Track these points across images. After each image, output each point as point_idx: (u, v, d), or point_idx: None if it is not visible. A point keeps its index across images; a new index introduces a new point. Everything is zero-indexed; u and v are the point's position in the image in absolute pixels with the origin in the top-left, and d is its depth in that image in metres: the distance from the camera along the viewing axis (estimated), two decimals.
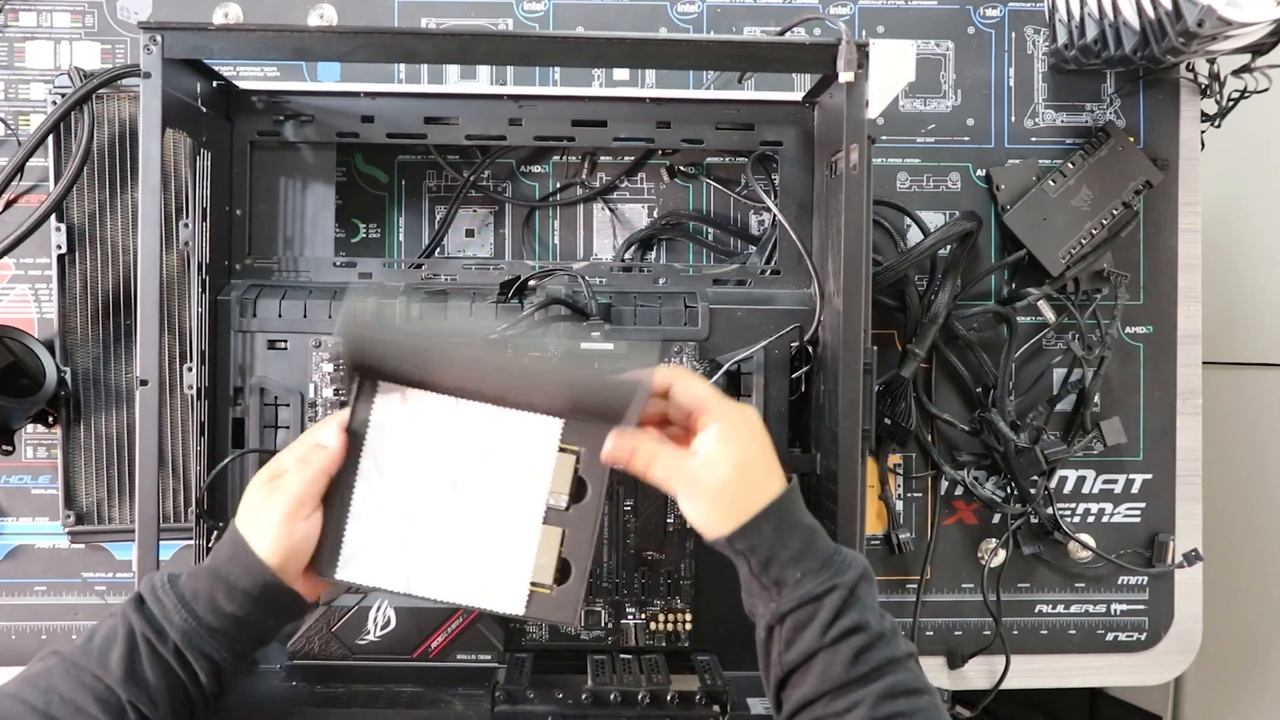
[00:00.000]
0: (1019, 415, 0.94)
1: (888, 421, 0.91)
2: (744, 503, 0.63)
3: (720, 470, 0.63)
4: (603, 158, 0.94)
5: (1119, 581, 0.96)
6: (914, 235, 0.94)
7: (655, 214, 0.95)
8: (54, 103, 0.87)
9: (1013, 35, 0.95)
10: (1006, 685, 0.95)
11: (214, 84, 0.83)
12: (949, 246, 0.91)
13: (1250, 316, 1.26)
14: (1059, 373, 0.95)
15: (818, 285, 0.83)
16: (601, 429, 0.67)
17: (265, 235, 0.88)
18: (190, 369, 0.79)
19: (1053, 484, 0.95)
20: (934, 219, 0.94)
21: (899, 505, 0.94)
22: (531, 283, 0.83)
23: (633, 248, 0.94)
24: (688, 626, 0.83)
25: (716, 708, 0.75)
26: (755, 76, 0.92)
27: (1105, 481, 0.96)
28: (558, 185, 0.94)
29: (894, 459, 0.95)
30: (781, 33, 0.86)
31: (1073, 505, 0.96)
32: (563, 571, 0.68)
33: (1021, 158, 0.95)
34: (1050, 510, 0.94)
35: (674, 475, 0.64)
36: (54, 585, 0.91)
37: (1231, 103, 0.94)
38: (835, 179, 0.79)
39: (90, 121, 0.85)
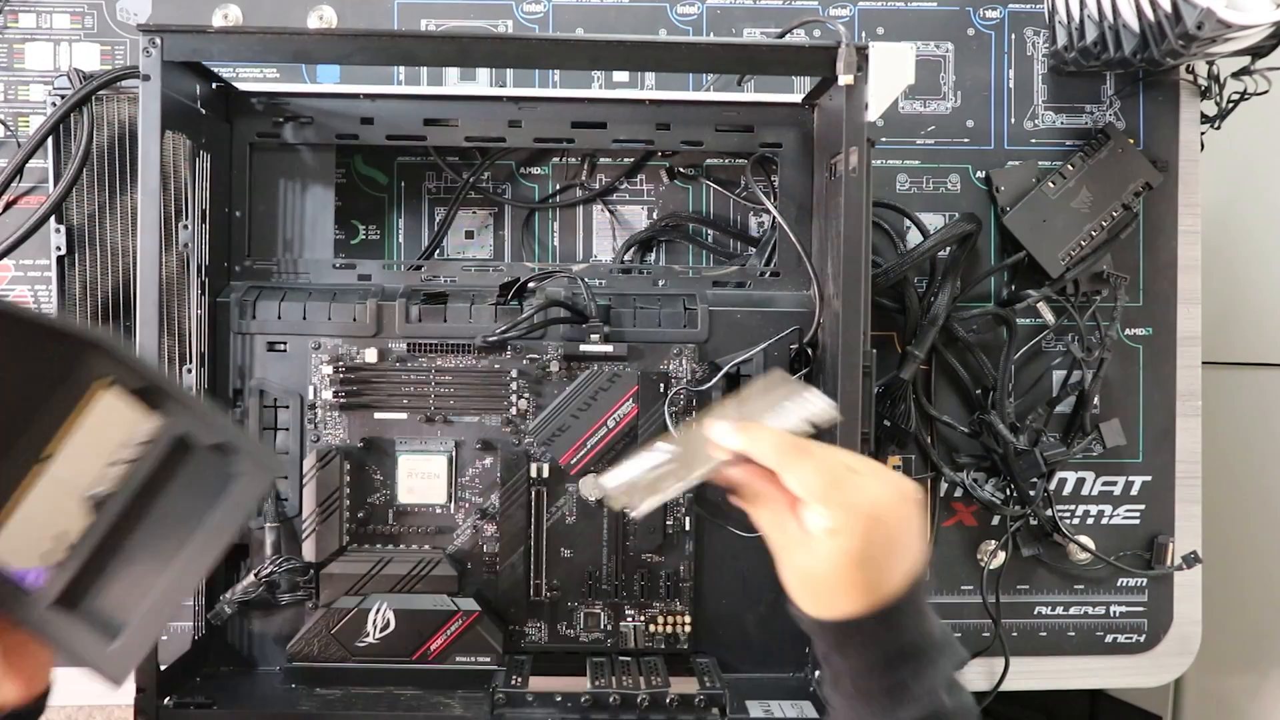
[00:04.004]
0: (1018, 417, 0.94)
1: (887, 423, 0.91)
2: (831, 603, 0.54)
3: (814, 565, 0.54)
4: (602, 159, 0.94)
5: (1118, 583, 0.96)
6: (913, 237, 0.94)
7: (655, 216, 0.94)
8: (53, 104, 0.87)
9: (1012, 37, 0.95)
10: (1006, 687, 0.95)
11: (213, 86, 0.83)
12: (948, 248, 0.91)
13: (1249, 317, 1.26)
14: (1058, 374, 0.95)
15: (817, 287, 0.83)
16: None
17: (264, 237, 0.88)
18: (190, 371, 0.79)
19: (1052, 486, 0.95)
20: (933, 221, 0.94)
21: None
22: (531, 284, 0.83)
23: (632, 249, 0.94)
24: (687, 629, 0.83)
25: (716, 710, 0.75)
26: (755, 78, 0.92)
27: (1105, 483, 0.96)
28: (557, 187, 0.94)
29: (893, 461, 0.95)
30: (781, 35, 0.86)
31: (1072, 507, 0.96)
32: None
33: (1021, 159, 0.94)
34: (1049, 512, 0.94)
35: (773, 532, 0.56)
36: None
37: (1231, 105, 0.94)
38: (835, 181, 0.79)
39: (90, 123, 0.85)
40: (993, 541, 0.94)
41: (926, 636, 0.54)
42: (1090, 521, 0.96)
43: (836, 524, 0.53)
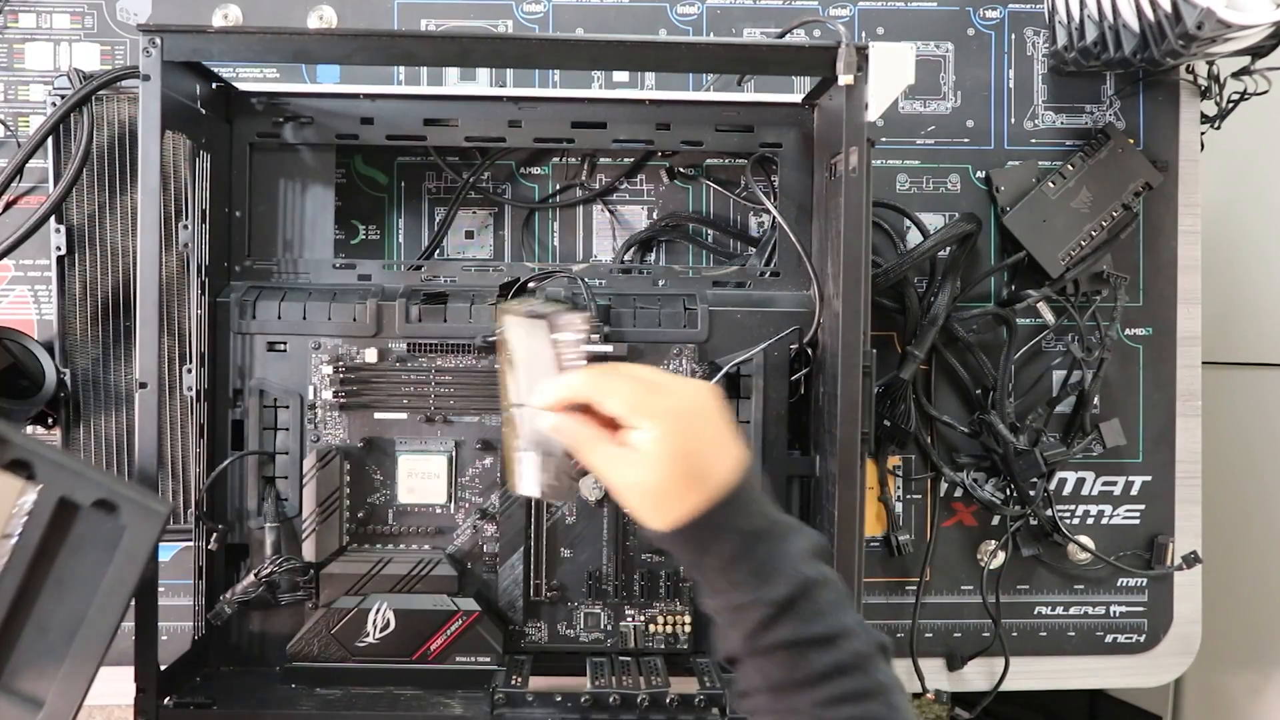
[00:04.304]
0: (1018, 417, 0.94)
1: (887, 423, 0.91)
2: (673, 507, 0.58)
3: (647, 475, 0.58)
4: (602, 159, 0.94)
5: (1118, 583, 0.96)
6: (913, 237, 0.94)
7: (655, 216, 0.94)
8: (53, 104, 0.87)
9: (1012, 37, 0.95)
10: (1006, 687, 0.95)
11: (213, 86, 0.83)
12: (948, 248, 0.91)
13: (1249, 317, 1.26)
14: (1058, 374, 0.95)
15: (817, 287, 0.83)
16: None
17: (264, 237, 0.88)
18: (190, 371, 0.79)
19: (1052, 486, 0.95)
20: (933, 221, 0.94)
21: (898, 507, 0.94)
22: (531, 285, 0.83)
23: (632, 249, 0.94)
24: (687, 629, 0.83)
25: (716, 710, 0.75)
26: (755, 78, 0.92)
27: (1104, 483, 0.96)
28: (557, 187, 0.94)
29: (893, 461, 0.95)
30: (781, 35, 0.86)
31: (1072, 507, 0.96)
32: None
33: (1021, 159, 0.95)
34: (1049, 512, 0.94)
35: (607, 468, 0.60)
36: None
37: (1231, 105, 0.94)
38: (835, 181, 0.79)
39: (90, 123, 0.84)
40: (993, 541, 0.94)
41: (771, 517, 0.59)
42: (1090, 521, 0.96)
43: (660, 428, 0.57)
